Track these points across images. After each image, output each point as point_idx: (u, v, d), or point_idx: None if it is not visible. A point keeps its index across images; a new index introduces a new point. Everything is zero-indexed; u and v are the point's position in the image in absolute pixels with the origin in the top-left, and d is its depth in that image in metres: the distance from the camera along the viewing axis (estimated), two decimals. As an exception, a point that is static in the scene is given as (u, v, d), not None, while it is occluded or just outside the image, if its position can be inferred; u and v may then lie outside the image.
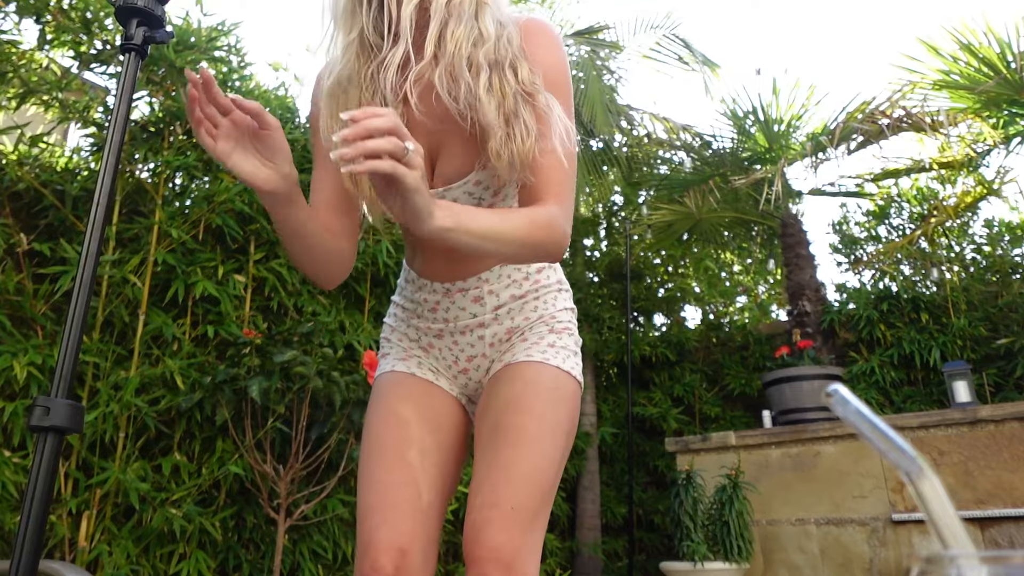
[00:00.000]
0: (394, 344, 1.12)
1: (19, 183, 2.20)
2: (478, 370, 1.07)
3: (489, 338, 1.06)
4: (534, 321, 1.06)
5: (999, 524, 2.99)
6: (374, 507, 0.94)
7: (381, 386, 1.08)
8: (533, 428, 0.94)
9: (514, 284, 1.06)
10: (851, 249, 5.40)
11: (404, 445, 0.98)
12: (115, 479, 2.02)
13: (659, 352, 5.20)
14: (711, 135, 5.27)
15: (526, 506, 0.89)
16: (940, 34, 4.24)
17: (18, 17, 2.27)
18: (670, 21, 5.04)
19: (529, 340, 1.04)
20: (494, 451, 0.93)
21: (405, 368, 1.07)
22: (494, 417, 0.97)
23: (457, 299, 1.05)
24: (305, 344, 2.32)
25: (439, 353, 1.08)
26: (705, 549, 3.32)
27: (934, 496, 0.30)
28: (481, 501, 0.90)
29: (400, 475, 0.96)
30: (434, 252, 1.04)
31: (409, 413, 1.02)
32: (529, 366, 1.00)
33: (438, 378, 1.08)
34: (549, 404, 0.97)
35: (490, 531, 0.87)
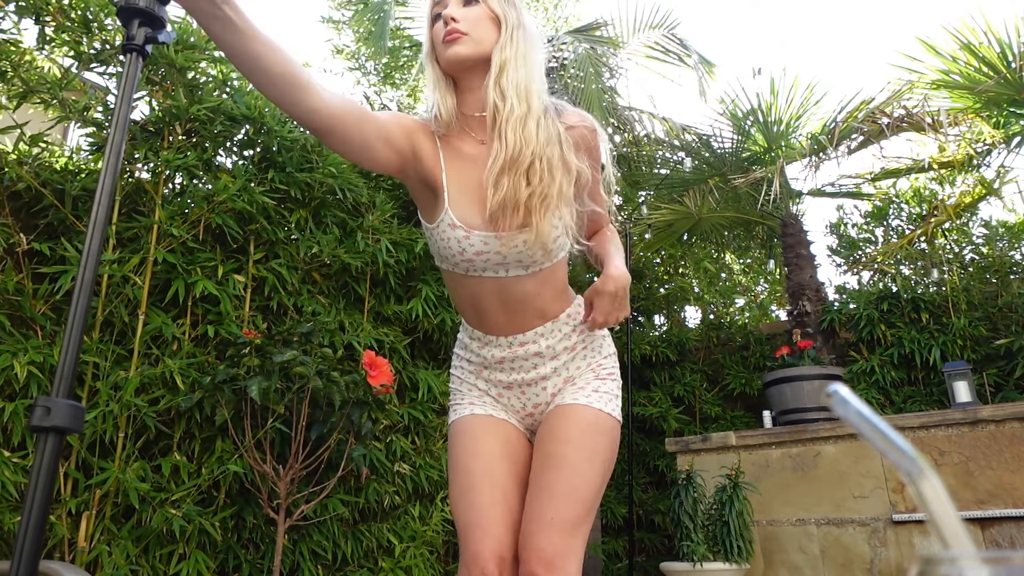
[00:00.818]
0: (465, 393, 1.30)
1: (19, 183, 2.20)
2: (542, 414, 1.27)
3: (551, 389, 1.26)
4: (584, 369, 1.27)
5: (999, 524, 2.99)
6: (476, 524, 1.13)
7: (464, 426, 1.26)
8: (572, 456, 1.15)
9: (565, 337, 1.27)
10: (850, 251, 5.40)
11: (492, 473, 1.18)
12: (115, 479, 2.02)
13: (659, 352, 5.20)
14: (711, 135, 5.27)
15: (564, 517, 1.10)
16: (940, 34, 4.25)
17: (18, 17, 2.27)
18: (669, 20, 5.04)
19: (578, 384, 1.25)
20: (541, 475, 1.15)
21: (482, 411, 1.27)
22: (542, 449, 1.19)
23: (519, 353, 1.25)
24: (305, 344, 2.32)
25: (507, 402, 1.28)
26: (705, 549, 3.32)
27: (935, 496, 0.30)
28: (528, 515, 1.13)
29: (492, 497, 1.15)
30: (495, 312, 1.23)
31: (493, 446, 1.22)
32: (573, 408, 1.21)
33: (509, 418, 1.28)
34: (587, 436, 1.18)
35: (535, 538, 1.08)
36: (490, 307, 1.22)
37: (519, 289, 1.20)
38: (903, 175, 4.94)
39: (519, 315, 1.23)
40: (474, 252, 1.17)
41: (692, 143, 5.30)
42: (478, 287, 1.21)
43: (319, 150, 2.79)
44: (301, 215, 2.75)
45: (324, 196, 2.81)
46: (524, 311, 1.22)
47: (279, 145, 2.69)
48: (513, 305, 1.22)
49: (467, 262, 1.18)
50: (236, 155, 2.77)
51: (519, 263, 1.18)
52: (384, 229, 2.92)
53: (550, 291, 1.24)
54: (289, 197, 2.72)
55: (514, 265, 1.18)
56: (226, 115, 2.55)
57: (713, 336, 5.47)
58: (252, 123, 2.62)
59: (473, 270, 1.19)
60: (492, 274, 1.19)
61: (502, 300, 1.21)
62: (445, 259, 1.21)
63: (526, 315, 1.23)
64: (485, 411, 1.26)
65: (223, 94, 2.61)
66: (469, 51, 1.18)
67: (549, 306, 1.25)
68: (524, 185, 1.13)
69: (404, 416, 2.83)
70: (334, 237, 2.77)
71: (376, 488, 2.66)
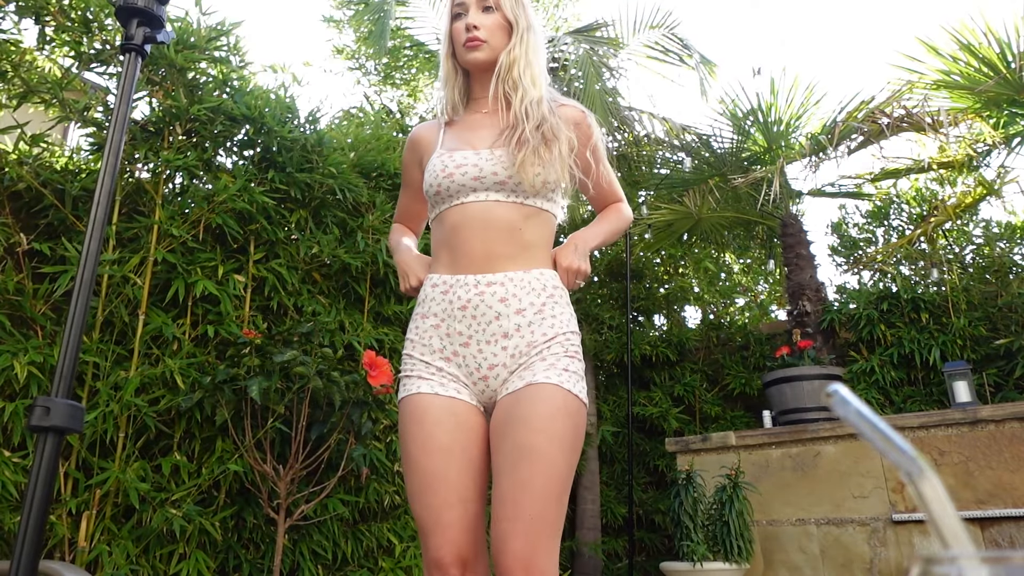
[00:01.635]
0: (416, 360, 1.25)
1: (19, 183, 2.20)
2: (496, 379, 1.21)
3: (511, 349, 1.21)
4: (551, 339, 1.21)
5: (999, 524, 3.00)
6: (432, 529, 1.12)
7: (413, 410, 1.21)
8: (546, 447, 1.10)
9: (533, 292, 1.24)
10: (850, 251, 5.40)
11: (445, 469, 1.15)
12: (115, 479, 2.02)
13: (659, 352, 5.20)
14: (711, 135, 5.27)
15: (543, 516, 1.07)
16: (940, 34, 4.25)
17: (18, 17, 2.27)
18: (670, 20, 5.04)
19: (548, 360, 1.19)
20: (513, 467, 1.10)
21: (429, 389, 1.21)
22: (513, 436, 1.12)
23: (486, 295, 1.22)
24: (305, 344, 2.32)
25: (462, 361, 1.23)
26: (705, 549, 3.32)
27: (934, 496, 0.30)
28: (503, 514, 1.07)
29: (447, 496, 1.13)
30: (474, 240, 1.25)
31: (443, 437, 1.17)
32: (546, 388, 1.15)
33: (460, 391, 1.22)
34: (559, 422, 1.13)
35: (513, 541, 1.05)
36: (470, 235, 1.25)
37: (501, 216, 1.26)
38: (903, 175, 4.94)
39: (496, 245, 1.25)
40: (455, 165, 1.28)
41: (692, 143, 5.30)
42: (461, 215, 1.26)
43: (319, 150, 2.80)
44: (301, 215, 2.75)
45: (324, 196, 2.81)
46: (501, 242, 1.25)
47: (279, 145, 2.69)
48: (493, 232, 1.25)
49: (448, 178, 1.27)
50: (236, 155, 2.77)
51: (498, 185, 1.26)
52: (384, 229, 2.92)
53: (531, 235, 1.28)
54: (289, 197, 2.72)
55: (494, 188, 1.26)
56: (226, 115, 2.55)
57: (713, 336, 5.47)
58: (252, 123, 2.62)
59: (456, 192, 1.27)
60: (474, 197, 1.26)
61: (483, 225, 1.25)
62: (431, 189, 1.31)
63: (503, 248, 1.25)
64: (433, 388, 1.21)
65: (223, 94, 2.61)
66: (487, 56, 1.35)
67: (526, 252, 1.27)
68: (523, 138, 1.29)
69: (404, 416, 2.83)
70: (334, 237, 2.77)
71: (376, 488, 2.66)
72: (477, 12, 1.35)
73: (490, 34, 1.35)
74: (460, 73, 1.41)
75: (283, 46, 22.90)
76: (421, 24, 5.13)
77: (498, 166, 1.26)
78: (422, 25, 5.13)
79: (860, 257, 5.35)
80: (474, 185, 1.26)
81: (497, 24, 1.36)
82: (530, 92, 1.33)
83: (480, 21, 1.34)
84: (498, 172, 1.26)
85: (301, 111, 2.87)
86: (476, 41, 1.34)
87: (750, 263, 6.53)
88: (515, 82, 1.33)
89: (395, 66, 6.26)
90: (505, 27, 1.37)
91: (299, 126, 2.86)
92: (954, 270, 4.62)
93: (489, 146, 1.30)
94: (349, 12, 6.88)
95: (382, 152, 3.18)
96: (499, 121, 1.33)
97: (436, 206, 1.31)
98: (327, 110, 7.26)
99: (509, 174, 1.25)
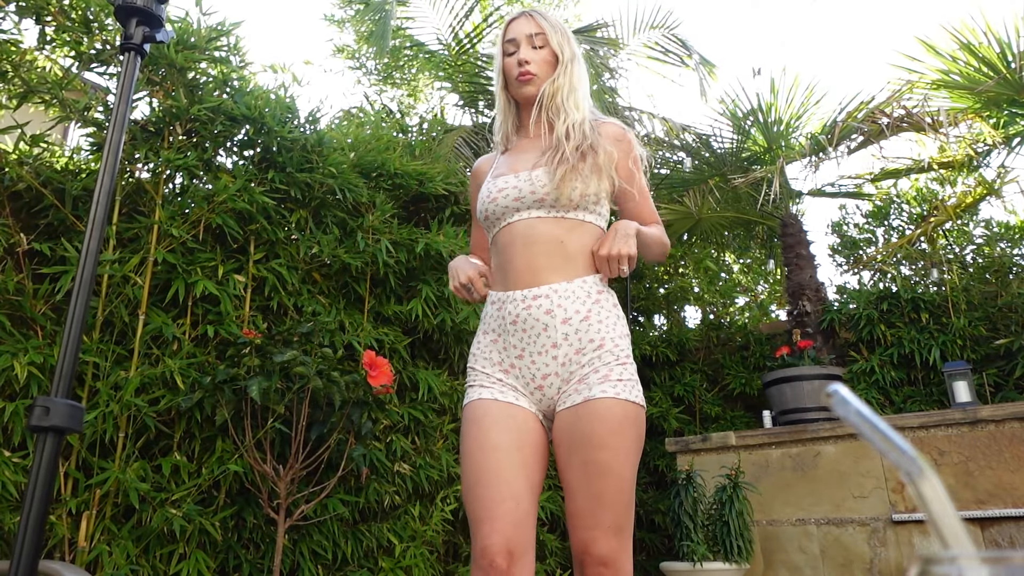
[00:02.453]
0: (478, 372, 1.37)
1: (19, 183, 2.20)
2: (551, 387, 1.32)
3: (561, 358, 1.31)
4: (599, 348, 1.31)
5: (999, 524, 3.00)
6: (484, 520, 1.21)
7: (472, 413, 1.32)
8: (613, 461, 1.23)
9: (579, 300, 1.33)
10: (851, 251, 5.40)
11: (498, 466, 1.24)
12: (115, 479, 2.02)
13: (659, 352, 5.20)
14: (711, 135, 5.27)
15: (617, 523, 1.22)
16: (940, 34, 4.25)
17: (18, 17, 2.27)
18: (670, 20, 5.04)
19: (601, 372, 1.28)
20: (587, 483, 1.23)
21: (490, 396, 1.32)
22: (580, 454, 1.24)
23: (533, 309, 1.32)
24: (305, 344, 2.32)
25: (519, 372, 1.33)
26: (705, 549, 3.32)
27: (934, 496, 0.30)
28: (585, 524, 1.22)
29: (499, 493, 1.22)
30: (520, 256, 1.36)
31: (500, 438, 1.27)
32: (604, 403, 1.25)
33: (519, 399, 1.32)
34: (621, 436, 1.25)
35: (597, 546, 1.19)
36: (516, 252, 1.37)
37: (544, 231, 1.36)
38: (903, 175, 4.94)
39: (539, 259, 1.35)
40: (497, 190, 1.41)
41: (692, 143, 5.30)
42: (509, 235, 1.39)
43: (319, 150, 2.80)
44: (301, 215, 2.75)
45: (324, 196, 2.81)
46: (544, 255, 1.35)
47: (279, 145, 2.69)
48: (536, 247, 1.35)
49: (492, 202, 1.40)
50: (236, 155, 2.77)
51: (537, 202, 1.37)
52: (384, 229, 2.92)
53: (574, 246, 1.37)
54: (289, 197, 2.72)
55: (534, 206, 1.37)
56: (226, 115, 2.55)
57: (713, 336, 5.47)
58: (252, 123, 2.62)
59: (502, 214, 1.39)
60: (518, 217, 1.38)
61: (527, 241, 1.36)
62: (481, 215, 1.44)
63: (546, 260, 1.35)
64: (493, 395, 1.32)
65: (223, 94, 2.61)
66: (537, 89, 1.48)
67: (569, 263, 1.36)
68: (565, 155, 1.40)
69: (404, 416, 2.83)
70: (334, 237, 2.77)
71: (376, 488, 2.66)
72: (528, 49, 1.49)
73: (539, 68, 1.48)
74: (513, 104, 1.54)
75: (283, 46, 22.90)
76: (421, 24, 5.13)
77: (536, 184, 1.37)
78: (422, 25, 5.13)
79: (860, 257, 5.35)
80: (516, 205, 1.38)
81: (544, 59, 1.49)
82: (572, 115, 1.44)
83: (531, 57, 1.48)
84: (536, 190, 1.37)
85: (301, 111, 2.87)
86: (528, 75, 1.47)
87: (750, 263, 6.53)
88: (558, 108, 1.45)
89: (395, 66, 6.26)
90: (552, 61, 1.50)
91: (299, 126, 2.86)
92: (954, 270, 4.62)
93: (530, 168, 1.41)
94: (351, 11, 6.88)
95: (382, 152, 3.18)
96: (542, 144, 1.45)
97: (489, 231, 1.45)
98: (327, 110, 7.27)
99: (547, 191, 1.36)
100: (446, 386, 2.99)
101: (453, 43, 5.02)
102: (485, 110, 5.15)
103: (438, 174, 3.26)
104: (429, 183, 3.20)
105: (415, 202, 3.30)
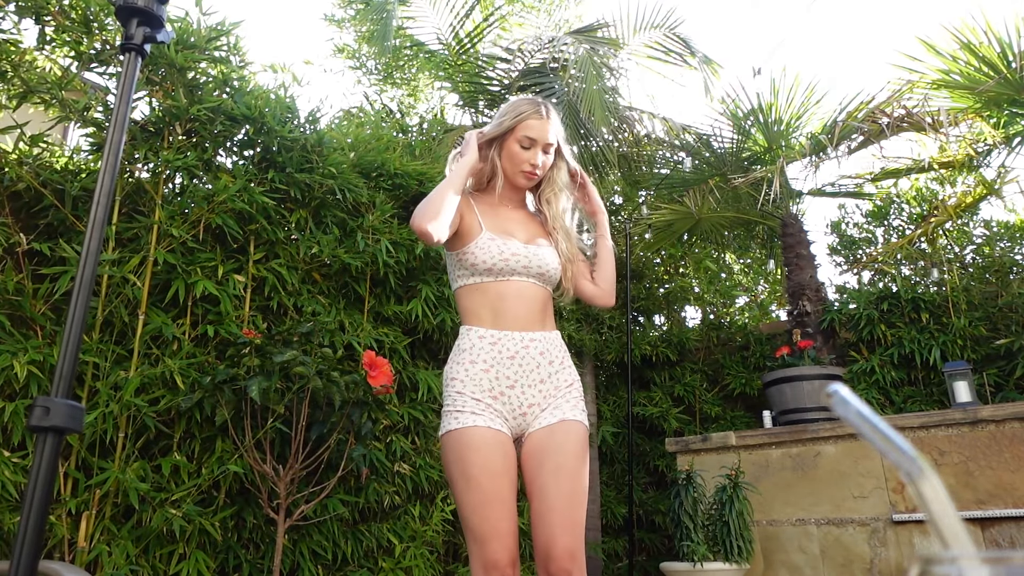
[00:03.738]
0: (468, 397, 1.52)
1: (19, 183, 2.20)
2: (531, 415, 1.56)
3: (545, 392, 1.57)
4: (570, 384, 1.61)
5: (999, 524, 2.99)
6: (493, 536, 1.40)
7: (470, 439, 1.48)
8: (577, 466, 1.50)
9: (559, 348, 1.63)
10: (851, 251, 5.39)
11: (502, 491, 1.44)
12: (115, 479, 2.02)
13: (659, 352, 5.20)
14: (711, 135, 5.26)
15: (580, 519, 1.46)
16: (940, 33, 4.24)
17: (18, 17, 2.27)
18: (671, 20, 5.03)
19: (572, 402, 1.58)
20: (557, 485, 1.46)
21: (484, 423, 1.49)
22: (554, 459, 1.48)
23: (530, 349, 1.57)
24: (305, 344, 2.32)
25: (507, 399, 1.54)
26: (705, 549, 3.32)
27: (935, 496, 0.30)
28: (553, 519, 1.42)
29: (502, 512, 1.43)
30: (517, 307, 1.60)
31: (499, 464, 1.46)
32: (575, 424, 1.55)
33: (503, 426, 1.52)
34: (581, 446, 1.54)
35: (562, 540, 1.41)
36: (513, 304, 1.60)
37: (535, 294, 1.64)
38: (903, 175, 4.94)
39: (533, 314, 1.62)
40: (511, 252, 1.61)
41: (692, 143, 5.30)
42: (504, 288, 1.60)
43: (319, 150, 2.79)
44: (301, 215, 2.75)
45: (324, 196, 2.81)
46: (535, 312, 1.62)
47: (279, 145, 2.68)
48: (530, 303, 1.61)
49: (503, 261, 1.59)
50: (236, 155, 2.77)
51: (539, 274, 1.64)
52: (384, 229, 2.92)
53: (549, 311, 1.68)
54: (289, 197, 2.72)
55: (535, 275, 1.63)
56: (226, 115, 2.55)
57: (713, 336, 5.47)
58: (252, 123, 2.62)
59: (508, 270, 1.60)
60: (518, 278, 1.61)
61: (522, 298, 1.61)
62: (484, 265, 1.60)
63: (535, 314, 1.62)
64: (486, 423, 1.49)
65: (223, 94, 2.61)
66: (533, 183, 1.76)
67: (547, 318, 1.66)
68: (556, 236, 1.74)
69: (404, 416, 2.83)
70: (334, 237, 2.77)
71: (376, 488, 2.66)
72: (540, 153, 1.69)
73: (543, 171, 1.72)
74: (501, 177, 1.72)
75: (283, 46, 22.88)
76: (421, 24, 5.13)
77: (542, 262, 1.64)
78: (422, 25, 5.13)
79: (860, 257, 5.35)
80: (522, 271, 1.62)
81: (548, 163, 1.73)
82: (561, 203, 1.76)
83: (542, 161, 1.70)
84: (542, 268, 1.64)
85: (301, 111, 2.87)
86: (534, 176, 1.71)
87: (750, 263, 6.53)
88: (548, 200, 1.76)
89: (396, 65, 6.25)
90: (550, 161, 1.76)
91: (299, 126, 2.86)
92: (954, 270, 4.62)
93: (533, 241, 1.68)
94: (351, 11, 6.88)
95: (382, 152, 3.18)
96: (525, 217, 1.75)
97: (481, 276, 1.61)
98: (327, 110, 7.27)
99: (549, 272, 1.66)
100: (446, 386, 2.99)
101: (453, 43, 5.02)
102: (485, 110, 5.15)
103: (438, 174, 3.25)
104: (429, 183, 3.19)
105: (415, 202, 3.28)
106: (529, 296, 1.62)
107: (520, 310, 1.60)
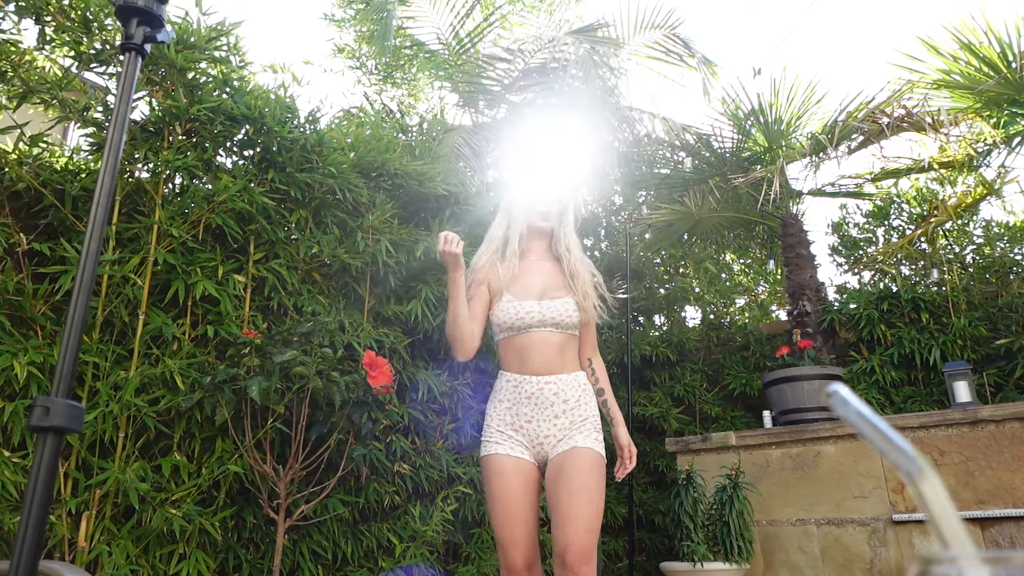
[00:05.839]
0: (494, 430, 1.89)
1: (19, 183, 2.20)
2: (548, 444, 1.85)
3: (560, 425, 1.86)
4: (585, 419, 1.88)
5: (1000, 524, 2.99)
6: (511, 544, 1.76)
7: (496, 465, 1.84)
8: (591, 484, 1.77)
9: (575, 387, 1.91)
10: (850, 251, 5.39)
11: (521, 508, 1.79)
12: (115, 479, 2.02)
13: (659, 352, 5.19)
14: (711, 135, 5.26)
15: (594, 527, 1.73)
16: (940, 33, 4.24)
17: (18, 17, 2.27)
18: (671, 20, 5.03)
19: (585, 433, 1.85)
20: (574, 500, 1.73)
21: (504, 451, 1.85)
22: (568, 479, 1.77)
23: (545, 390, 1.86)
24: (305, 344, 2.31)
25: (526, 432, 1.86)
26: (705, 549, 3.32)
27: (935, 496, 0.30)
28: (568, 524, 1.70)
29: (518, 524, 1.77)
30: (537, 355, 1.89)
31: (518, 485, 1.81)
32: (587, 450, 1.82)
33: (524, 452, 1.86)
34: (596, 469, 1.81)
35: (578, 539, 1.68)
36: (533, 352, 1.89)
37: (553, 340, 1.91)
38: (904, 175, 4.94)
39: (551, 359, 1.90)
40: (525, 311, 1.91)
41: (692, 143, 5.30)
42: (525, 339, 1.91)
43: (319, 150, 2.79)
44: (301, 215, 2.75)
45: (324, 196, 2.81)
46: (554, 357, 1.90)
47: (279, 145, 2.68)
48: (549, 349, 1.90)
49: (519, 320, 1.90)
50: (236, 155, 2.77)
51: (555, 323, 1.90)
52: (384, 229, 2.92)
53: (569, 351, 1.94)
54: (289, 197, 2.72)
55: (550, 324, 1.90)
56: (226, 115, 2.55)
57: (713, 336, 5.47)
58: (252, 123, 2.62)
59: (524, 326, 1.90)
60: (537, 329, 1.90)
61: (541, 346, 1.90)
62: (505, 324, 1.92)
63: (554, 361, 1.90)
64: (507, 451, 1.84)
65: (223, 94, 2.61)
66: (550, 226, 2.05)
67: (567, 363, 1.92)
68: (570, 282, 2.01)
69: (404, 416, 2.83)
70: (334, 237, 2.77)
71: (376, 488, 2.66)
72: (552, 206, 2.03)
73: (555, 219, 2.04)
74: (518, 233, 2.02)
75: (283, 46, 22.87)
76: (421, 24, 5.13)
77: (556, 313, 1.90)
78: (422, 25, 5.13)
79: (860, 257, 5.35)
80: (538, 325, 1.90)
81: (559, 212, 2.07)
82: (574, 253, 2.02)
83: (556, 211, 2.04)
84: (556, 318, 1.90)
85: (301, 111, 2.87)
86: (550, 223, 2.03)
87: (750, 263, 6.53)
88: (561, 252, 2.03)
89: (396, 65, 6.25)
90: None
91: (299, 126, 2.85)
92: (954, 270, 4.62)
93: (549, 297, 1.94)
94: (351, 11, 6.88)
95: (382, 152, 3.18)
96: (548, 268, 2.01)
97: (507, 332, 1.92)
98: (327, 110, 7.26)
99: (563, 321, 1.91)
100: (446, 386, 2.99)
101: (453, 43, 5.02)
102: (485, 110, 5.15)
103: (438, 174, 3.25)
104: (429, 183, 3.19)
105: (415, 202, 3.29)
106: (549, 343, 1.90)
107: (540, 357, 1.90)
